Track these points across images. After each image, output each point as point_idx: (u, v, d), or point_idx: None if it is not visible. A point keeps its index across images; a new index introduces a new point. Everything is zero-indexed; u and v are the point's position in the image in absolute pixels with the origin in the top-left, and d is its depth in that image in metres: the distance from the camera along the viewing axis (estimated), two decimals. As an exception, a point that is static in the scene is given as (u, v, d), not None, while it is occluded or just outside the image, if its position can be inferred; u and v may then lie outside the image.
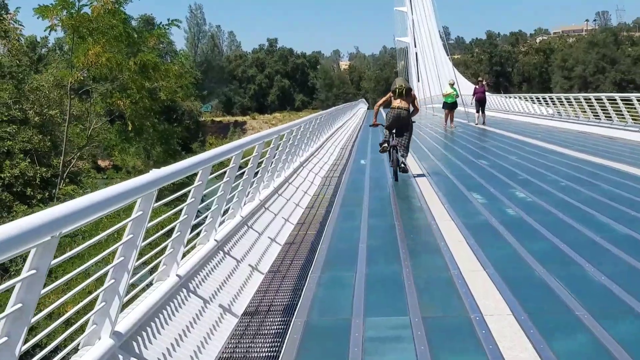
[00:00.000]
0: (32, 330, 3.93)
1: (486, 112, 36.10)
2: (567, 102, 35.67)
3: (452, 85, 33.55)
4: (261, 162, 10.18)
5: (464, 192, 12.84)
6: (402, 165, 14.42)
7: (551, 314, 5.72)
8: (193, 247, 6.82)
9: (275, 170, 11.89)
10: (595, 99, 30.61)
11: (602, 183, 13.10)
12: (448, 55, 76.92)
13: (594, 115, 30.89)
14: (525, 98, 48.10)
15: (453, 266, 7.33)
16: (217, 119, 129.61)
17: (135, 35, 28.61)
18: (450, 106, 33.32)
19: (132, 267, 4.31)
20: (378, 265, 7.73)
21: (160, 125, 32.22)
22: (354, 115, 55.39)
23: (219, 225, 7.36)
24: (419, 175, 15.51)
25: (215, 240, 7.03)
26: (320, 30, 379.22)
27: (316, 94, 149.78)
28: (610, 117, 28.57)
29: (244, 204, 8.85)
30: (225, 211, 8.01)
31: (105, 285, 4.15)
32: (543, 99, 42.44)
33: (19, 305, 2.91)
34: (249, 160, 9.21)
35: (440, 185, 13.80)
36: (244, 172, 8.79)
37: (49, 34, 27.73)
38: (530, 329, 5.30)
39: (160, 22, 31.68)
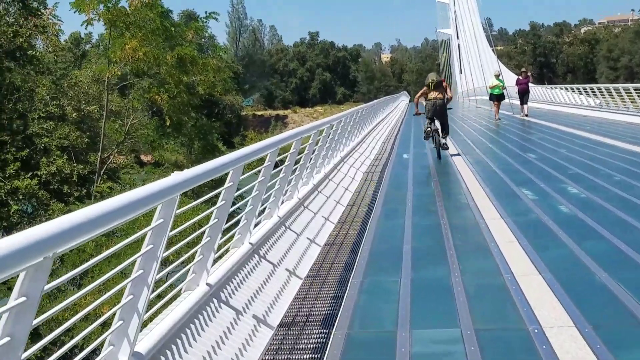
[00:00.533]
0: (45, 350, 3.54)
1: (529, 104, 35.08)
2: (616, 92, 34.53)
3: (497, 76, 32.70)
4: (299, 158, 9.74)
5: (512, 188, 12.22)
6: (444, 144, 16.99)
7: (618, 325, 5.16)
8: (227, 251, 6.40)
9: (314, 166, 11.44)
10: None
11: (660, 177, 12.36)
12: (492, 46, 75.50)
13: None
14: (572, 89, 46.81)
15: (505, 270, 6.79)
16: (259, 113, 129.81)
17: (173, 29, 28.18)
18: (497, 98, 32.48)
19: (152, 280, 3.88)
20: (424, 269, 7.21)
21: (199, 120, 31.70)
22: (396, 108, 54.73)
23: (254, 227, 6.93)
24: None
25: (250, 243, 6.61)
26: (362, 23, 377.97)
27: (357, 87, 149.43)
28: (663, 107, 27.60)
29: (281, 203, 8.41)
30: (262, 212, 7.60)
31: (123, 301, 3.76)
32: (591, 89, 41.21)
33: (7, 339, 2.47)
34: (286, 157, 8.78)
35: (487, 181, 13.19)
36: (281, 170, 8.36)
37: (86, 29, 27.02)
38: (596, 343, 4.76)
39: (198, 16, 31.27)
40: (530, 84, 36.65)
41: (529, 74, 35.98)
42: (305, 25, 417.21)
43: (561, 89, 50.16)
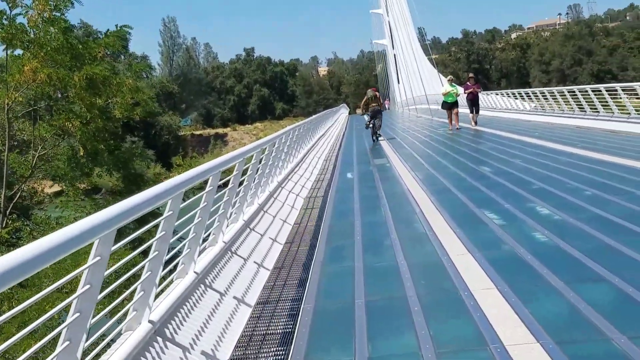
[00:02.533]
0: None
1: (481, 112, 33.77)
2: (561, 95, 33.53)
3: (450, 82, 31.15)
4: (223, 194, 7.97)
5: (473, 210, 10.63)
6: (379, 135, 27.69)
7: None
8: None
9: (244, 200, 9.63)
10: (592, 91, 28.53)
11: (637, 189, 10.93)
12: (429, 54, 75.04)
13: (590, 109, 28.82)
14: (514, 95, 45.95)
15: (490, 335, 5.15)
16: (197, 132, 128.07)
17: (80, 47, 25.53)
18: (450, 105, 30.65)
19: None
20: (385, 338, 5.45)
21: (117, 147, 28.72)
22: (336, 121, 53.12)
23: (153, 301, 5.16)
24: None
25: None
26: (297, 37, 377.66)
27: (296, 102, 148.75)
28: (611, 109, 26.58)
29: (198, 256, 6.58)
30: (165, 279, 5.84)
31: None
32: (534, 93, 40.39)
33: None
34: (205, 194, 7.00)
35: (444, 202, 11.55)
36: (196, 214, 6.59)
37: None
38: None
39: (108, 29, 28.41)
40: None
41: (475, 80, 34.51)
42: (240, 41, 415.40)
43: (503, 95, 49.37)
